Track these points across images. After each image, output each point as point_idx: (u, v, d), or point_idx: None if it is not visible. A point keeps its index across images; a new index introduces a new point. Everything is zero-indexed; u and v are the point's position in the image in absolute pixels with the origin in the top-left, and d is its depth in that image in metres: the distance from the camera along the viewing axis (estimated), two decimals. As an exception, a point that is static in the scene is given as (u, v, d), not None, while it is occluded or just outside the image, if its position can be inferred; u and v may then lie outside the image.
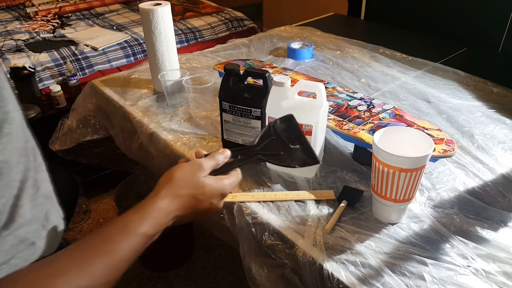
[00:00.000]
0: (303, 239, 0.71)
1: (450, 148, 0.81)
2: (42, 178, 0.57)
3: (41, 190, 0.56)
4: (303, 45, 1.47)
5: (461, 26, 1.79)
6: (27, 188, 0.52)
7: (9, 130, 0.47)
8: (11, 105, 0.48)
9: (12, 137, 0.47)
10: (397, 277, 0.64)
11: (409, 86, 1.25)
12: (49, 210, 0.57)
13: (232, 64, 0.87)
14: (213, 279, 1.60)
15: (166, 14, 1.13)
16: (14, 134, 0.48)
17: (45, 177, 0.58)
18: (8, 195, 0.48)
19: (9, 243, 0.48)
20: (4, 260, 0.48)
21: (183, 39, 2.27)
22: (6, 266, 0.48)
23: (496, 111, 1.11)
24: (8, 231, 0.48)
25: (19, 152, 0.50)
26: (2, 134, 0.46)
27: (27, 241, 0.51)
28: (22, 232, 0.51)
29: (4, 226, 0.48)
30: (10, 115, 0.47)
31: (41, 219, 0.55)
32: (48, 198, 0.58)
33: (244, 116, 0.87)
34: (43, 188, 0.57)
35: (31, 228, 0.52)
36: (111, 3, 2.81)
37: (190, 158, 0.71)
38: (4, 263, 0.48)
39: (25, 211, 0.51)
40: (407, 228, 0.73)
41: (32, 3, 2.78)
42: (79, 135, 1.28)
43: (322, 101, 0.78)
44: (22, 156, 0.51)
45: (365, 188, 0.82)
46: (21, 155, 0.51)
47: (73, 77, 1.91)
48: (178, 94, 1.19)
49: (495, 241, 0.71)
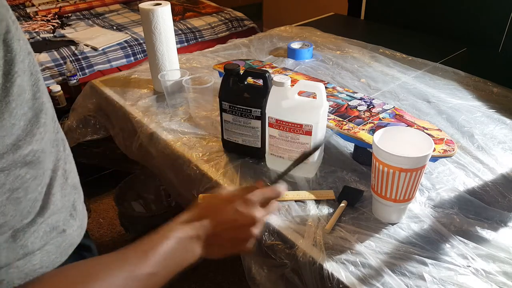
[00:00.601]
0: (303, 239, 0.71)
1: (450, 148, 0.81)
2: (70, 169, 0.59)
3: (69, 180, 0.57)
4: (303, 45, 1.47)
5: (461, 26, 1.78)
6: (58, 177, 0.54)
7: (45, 120, 0.49)
8: (45, 96, 0.50)
9: (47, 127, 0.49)
10: (397, 277, 0.64)
11: (409, 86, 1.25)
12: (76, 200, 0.60)
13: (232, 64, 0.87)
14: (213, 279, 1.60)
15: (166, 14, 1.13)
16: (49, 125, 0.50)
17: (72, 168, 0.60)
18: (44, 183, 0.50)
19: (43, 230, 0.50)
20: (39, 246, 0.50)
21: (183, 39, 2.27)
22: (41, 252, 0.50)
23: (496, 111, 1.11)
24: (43, 218, 0.50)
25: (51, 142, 0.52)
26: (39, 124, 0.47)
27: (59, 229, 0.54)
28: (54, 219, 0.53)
29: (39, 213, 0.50)
30: (45, 106, 0.49)
31: (69, 208, 0.57)
32: (75, 188, 0.60)
33: (244, 116, 0.87)
34: (71, 178, 0.59)
35: (61, 216, 0.54)
36: (111, 3, 2.81)
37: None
38: (39, 249, 0.50)
39: (56, 199, 0.53)
40: (407, 228, 0.73)
41: (32, 3, 2.78)
42: (79, 135, 1.28)
43: (322, 101, 0.78)
44: (53, 146, 0.53)
45: (365, 188, 0.82)
46: (52, 145, 0.53)
47: (73, 77, 1.91)
48: (178, 94, 1.19)
49: (495, 241, 0.71)
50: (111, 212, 1.95)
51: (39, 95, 0.48)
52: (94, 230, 1.86)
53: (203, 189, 0.87)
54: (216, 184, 0.86)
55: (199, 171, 0.90)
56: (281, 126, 0.81)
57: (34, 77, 0.47)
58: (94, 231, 1.86)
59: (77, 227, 0.58)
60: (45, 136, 0.48)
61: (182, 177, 0.95)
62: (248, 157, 0.93)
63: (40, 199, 0.50)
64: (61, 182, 0.55)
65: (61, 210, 0.54)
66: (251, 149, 0.91)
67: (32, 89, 0.47)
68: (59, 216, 0.54)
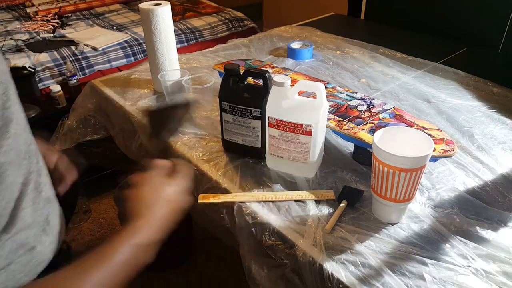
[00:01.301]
0: (303, 239, 0.71)
1: (450, 148, 0.81)
2: (44, 182, 0.56)
3: (42, 193, 0.55)
4: (303, 45, 1.47)
5: (461, 26, 1.78)
6: (29, 191, 0.52)
7: (16, 131, 0.47)
8: (16, 106, 0.48)
9: (18, 139, 0.47)
10: (397, 277, 0.64)
11: (409, 86, 1.25)
12: (50, 214, 0.57)
13: (232, 64, 0.87)
14: (213, 279, 1.60)
15: (166, 14, 1.13)
16: (20, 136, 0.48)
17: (46, 181, 0.58)
18: (9, 198, 0.48)
19: (8, 248, 0.48)
20: (2, 265, 0.47)
21: (183, 39, 2.27)
22: (5, 272, 0.47)
23: (496, 111, 1.11)
24: (8, 235, 0.48)
25: (22, 155, 0.50)
26: (9, 135, 0.46)
27: (27, 246, 0.51)
28: (23, 236, 0.50)
29: (4, 229, 0.47)
30: (16, 116, 0.47)
31: (41, 223, 0.55)
32: (49, 202, 0.58)
33: (244, 116, 0.87)
34: (45, 192, 0.56)
35: (32, 232, 0.52)
36: (111, 3, 2.81)
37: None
38: (3, 268, 0.47)
39: (26, 214, 0.50)
40: (407, 228, 0.73)
41: (32, 3, 2.79)
42: (79, 135, 1.28)
43: (322, 101, 0.78)
44: (25, 158, 0.51)
45: (365, 188, 0.82)
46: (24, 157, 0.51)
47: (73, 77, 1.91)
48: (178, 94, 1.19)
49: (495, 241, 0.71)
50: (111, 212, 1.95)
51: (9, 105, 0.46)
52: (94, 230, 1.87)
53: (203, 189, 0.87)
54: (216, 184, 0.86)
55: (199, 171, 0.90)
56: (281, 126, 0.81)
57: (3, 86, 0.46)
58: (94, 231, 1.86)
59: (49, 243, 0.56)
60: (14, 148, 0.46)
61: (182, 177, 0.95)
62: (248, 157, 0.93)
63: (5, 215, 0.47)
64: (33, 196, 0.52)
65: (32, 225, 0.52)
66: (251, 149, 0.91)
67: (2, 98, 0.45)
68: (29, 232, 0.51)
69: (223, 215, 0.82)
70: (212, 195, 0.84)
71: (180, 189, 0.63)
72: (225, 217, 0.82)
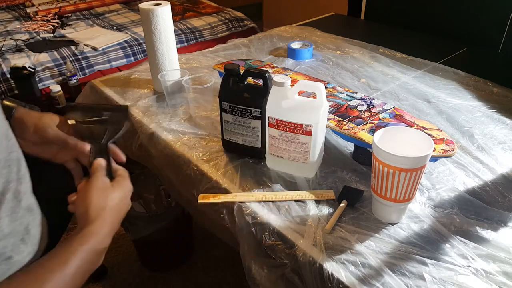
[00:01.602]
0: (303, 239, 0.71)
1: (450, 148, 0.81)
2: (24, 190, 0.55)
3: (23, 202, 0.54)
4: (303, 45, 1.47)
5: (461, 26, 1.78)
6: (7, 200, 0.51)
7: None
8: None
9: None
10: (397, 277, 0.64)
11: (409, 86, 1.25)
12: (30, 223, 0.56)
13: (232, 64, 0.87)
14: (213, 279, 1.60)
15: (166, 14, 1.13)
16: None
17: (28, 189, 0.57)
18: None
19: None
20: None
21: (183, 39, 2.27)
22: None
23: (496, 111, 1.11)
24: None
25: (2, 163, 0.49)
26: None
27: (3, 256, 0.50)
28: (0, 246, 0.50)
29: None
30: None
31: (20, 233, 0.54)
32: (30, 211, 0.57)
33: (244, 116, 0.87)
34: (25, 200, 0.55)
35: (10, 241, 0.51)
36: (111, 3, 2.81)
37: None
38: None
39: (3, 224, 0.50)
40: (407, 228, 0.73)
41: (32, 3, 2.79)
42: (79, 135, 1.28)
43: (322, 101, 0.78)
44: (4, 167, 0.50)
45: (365, 188, 0.82)
46: (3, 167, 0.50)
47: (73, 77, 1.91)
48: (178, 94, 1.19)
49: (495, 241, 0.71)
50: (111, 212, 1.95)
51: None
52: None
53: (203, 189, 0.87)
54: (216, 184, 0.86)
55: (199, 171, 0.90)
56: (281, 126, 0.81)
57: None
58: (94, 231, 1.86)
59: (27, 253, 0.55)
60: None
61: (182, 177, 0.95)
62: (248, 157, 0.93)
63: None
64: (12, 206, 0.51)
65: (10, 235, 0.51)
66: (251, 149, 0.91)
67: None
68: (7, 242, 0.51)
69: (223, 215, 0.82)
70: (212, 195, 0.84)
71: (123, 194, 0.64)
72: (225, 217, 0.82)
